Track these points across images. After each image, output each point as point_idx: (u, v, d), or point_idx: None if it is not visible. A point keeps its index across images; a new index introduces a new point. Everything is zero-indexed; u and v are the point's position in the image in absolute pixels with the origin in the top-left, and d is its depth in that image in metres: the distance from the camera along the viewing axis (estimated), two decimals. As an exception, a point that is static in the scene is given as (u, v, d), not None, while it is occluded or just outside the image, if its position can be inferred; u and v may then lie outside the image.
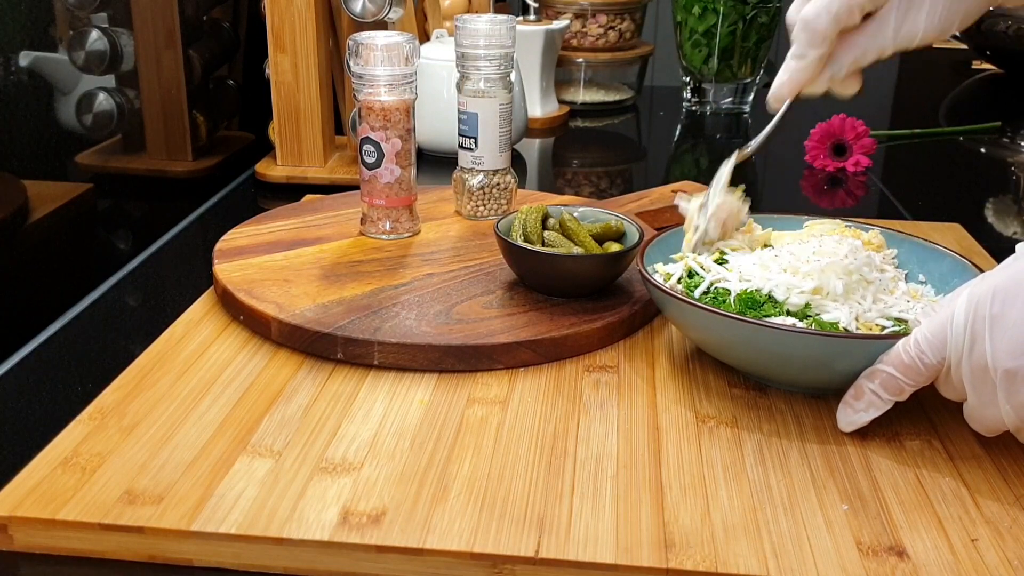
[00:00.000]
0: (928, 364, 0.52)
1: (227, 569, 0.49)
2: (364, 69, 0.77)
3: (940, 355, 0.52)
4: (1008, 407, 0.50)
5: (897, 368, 0.53)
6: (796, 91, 0.65)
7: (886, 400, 0.55)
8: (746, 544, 0.48)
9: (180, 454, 0.54)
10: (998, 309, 0.49)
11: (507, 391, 0.62)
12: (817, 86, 0.65)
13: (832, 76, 0.64)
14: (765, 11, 1.40)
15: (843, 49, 0.63)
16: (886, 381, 0.54)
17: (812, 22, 0.62)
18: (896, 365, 0.54)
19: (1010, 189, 1.20)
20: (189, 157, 1.03)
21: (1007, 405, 0.50)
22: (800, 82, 0.64)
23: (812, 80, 0.64)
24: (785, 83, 0.65)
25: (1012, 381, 0.49)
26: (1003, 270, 0.51)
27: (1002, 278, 0.50)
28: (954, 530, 0.49)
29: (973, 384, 0.51)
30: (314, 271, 0.75)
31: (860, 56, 0.63)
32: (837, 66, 0.64)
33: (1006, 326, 0.48)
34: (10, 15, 0.77)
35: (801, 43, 0.63)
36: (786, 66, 0.65)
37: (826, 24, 0.61)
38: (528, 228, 0.73)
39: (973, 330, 0.50)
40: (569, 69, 1.50)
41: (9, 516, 0.49)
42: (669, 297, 0.61)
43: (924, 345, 0.52)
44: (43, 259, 0.82)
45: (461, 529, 0.49)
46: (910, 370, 0.53)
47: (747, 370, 0.63)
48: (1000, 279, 0.50)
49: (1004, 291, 0.49)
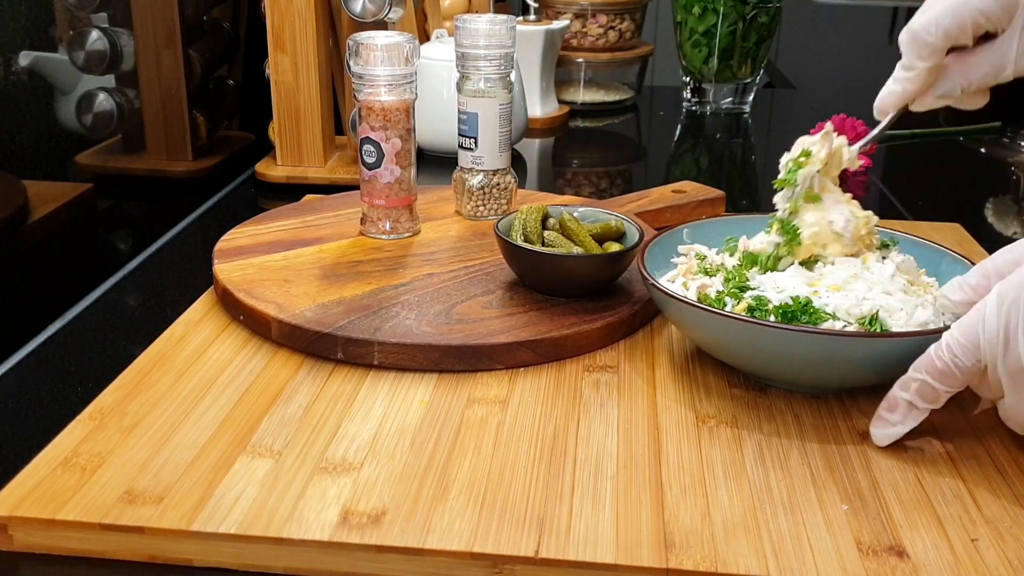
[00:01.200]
0: (963, 368, 0.51)
1: (227, 569, 0.49)
2: (364, 69, 0.77)
3: (973, 358, 0.51)
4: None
5: (932, 375, 0.52)
6: (901, 103, 0.64)
7: (923, 409, 0.54)
8: (746, 544, 0.48)
9: (180, 454, 0.54)
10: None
11: (507, 391, 0.62)
12: (925, 102, 0.63)
13: (945, 94, 0.62)
14: (765, 11, 1.40)
15: (957, 68, 0.62)
16: (921, 389, 0.53)
17: (920, 34, 0.60)
18: (930, 372, 0.53)
19: (1010, 189, 1.20)
20: (189, 157, 1.03)
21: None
22: (905, 94, 0.63)
23: (918, 93, 0.63)
24: (890, 94, 0.63)
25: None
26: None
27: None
28: (954, 530, 0.49)
29: (1011, 384, 0.50)
30: (314, 271, 0.75)
31: (976, 78, 0.61)
32: (950, 84, 0.62)
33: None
34: (10, 15, 0.77)
35: (909, 55, 0.62)
36: (893, 77, 0.63)
37: (935, 37, 0.60)
38: (528, 228, 0.73)
39: (1007, 331, 0.49)
40: (569, 69, 1.50)
41: (9, 516, 0.49)
42: (669, 298, 0.61)
43: (957, 349, 0.51)
44: (43, 259, 0.82)
45: (461, 529, 0.49)
46: (945, 376, 0.52)
47: (747, 370, 0.63)
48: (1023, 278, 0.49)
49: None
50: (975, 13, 0.59)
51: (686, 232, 0.73)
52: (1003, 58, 0.60)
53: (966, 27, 0.60)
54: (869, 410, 0.60)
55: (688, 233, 0.73)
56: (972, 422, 0.59)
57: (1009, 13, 0.59)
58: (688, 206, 0.91)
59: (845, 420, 0.59)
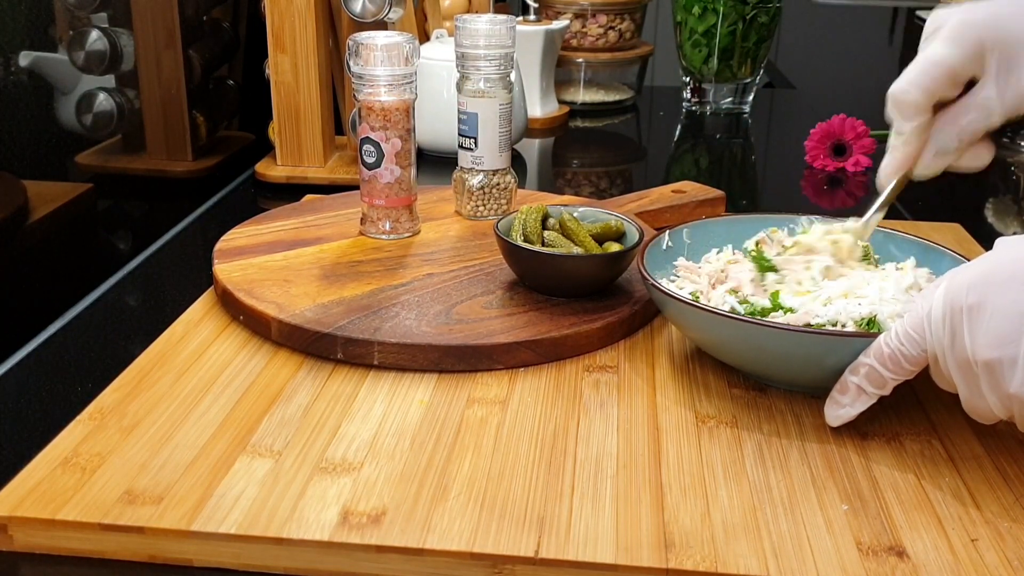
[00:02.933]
0: (908, 356, 0.52)
1: (227, 569, 0.49)
2: (364, 69, 0.77)
3: (919, 347, 0.52)
4: (994, 398, 0.49)
5: (879, 361, 0.54)
6: (900, 169, 0.64)
7: (871, 393, 0.55)
8: (746, 544, 0.48)
9: (180, 454, 0.54)
10: (975, 299, 0.49)
11: (507, 391, 0.62)
12: (925, 162, 0.63)
13: (941, 150, 0.62)
14: (765, 11, 1.40)
15: (945, 122, 0.62)
16: (870, 374, 0.54)
17: (901, 96, 0.61)
18: (878, 358, 0.54)
19: (1010, 189, 1.20)
20: (189, 157, 1.03)
21: (992, 396, 0.49)
22: (902, 159, 0.63)
23: (914, 155, 0.63)
24: (888, 164, 0.64)
25: (993, 373, 0.49)
26: (980, 262, 0.51)
27: (978, 270, 0.50)
28: (954, 530, 0.49)
29: (960, 376, 0.51)
30: (314, 271, 0.75)
31: (965, 126, 0.61)
32: (943, 139, 0.62)
33: (983, 317, 0.48)
34: (10, 15, 0.77)
35: (895, 119, 0.62)
36: (888, 146, 0.64)
37: (916, 97, 0.60)
38: (528, 228, 0.73)
39: (952, 322, 0.50)
40: (569, 69, 1.50)
41: (9, 516, 0.49)
42: (669, 298, 0.61)
43: (903, 337, 0.52)
44: (43, 259, 0.82)
45: (461, 529, 0.49)
46: (891, 362, 0.53)
47: (747, 369, 0.63)
48: (976, 271, 0.50)
49: (981, 282, 0.49)
50: (946, 67, 0.60)
51: (686, 232, 0.73)
52: (985, 103, 0.60)
53: (940, 80, 0.60)
54: (869, 411, 0.60)
55: (688, 233, 0.73)
56: (972, 422, 0.59)
57: (979, 59, 0.59)
58: (688, 206, 0.91)
59: (845, 420, 0.59)
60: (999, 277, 0.49)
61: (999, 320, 0.48)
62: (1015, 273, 0.48)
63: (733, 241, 0.72)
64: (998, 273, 0.49)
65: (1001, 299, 0.48)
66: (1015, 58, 0.59)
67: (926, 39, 0.62)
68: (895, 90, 0.62)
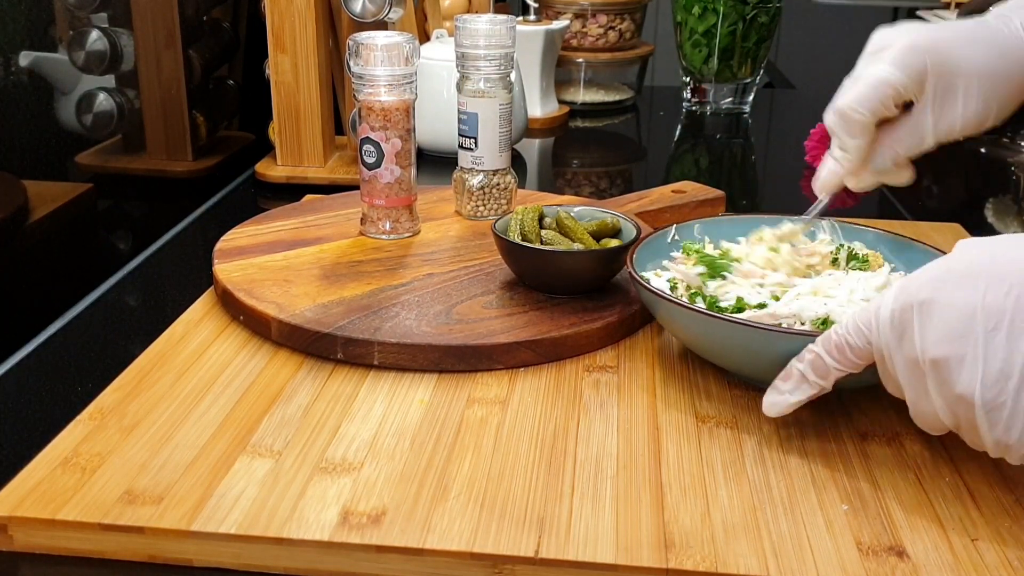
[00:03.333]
0: (853, 347, 0.51)
1: (227, 569, 0.49)
2: (364, 69, 0.77)
3: (865, 340, 0.51)
4: (940, 400, 0.48)
5: (824, 348, 0.53)
6: (838, 183, 0.66)
7: (812, 382, 0.54)
8: (746, 544, 0.48)
9: (180, 454, 0.54)
10: (926, 296, 0.48)
11: (507, 391, 0.62)
12: (863, 180, 0.66)
13: (877, 168, 0.65)
14: (765, 11, 1.40)
15: (884, 142, 0.64)
16: (814, 361, 0.54)
17: (849, 113, 0.63)
18: (824, 345, 0.53)
19: (1010, 189, 1.20)
20: (189, 157, 1.03)
21: (939, 399, 0.48)
22: (845, 172, 0.65)
23: (853, 171, 0.65)
24: (831, 173, 0.66)
25: (940, 371, 0.47)
26: (937, 263, 0.50)
27: (934, 269, 0.49)
28: (954, 530, 0.49)
29: (907, 377, 0.50)
30: (314, 271, 0.75)
31: (901, 149, 0.64)
32: (880, 159, 0.64)
33: (934, 313, 0.47)
34: (10, 15, 0.77)
35: (841, 134, 0.64)
36: (831, 156, 0.66)
37: (862, 114, 0.62)
38: (526, 227, 0.73)
39: (902, 318, 0.49)
40: (569, 69, 1.50)
41: (9, 516, 0.49)
42: (658, 298, 0.61)
43: (851, 327, 0.52)
44: (43, 259, 0.82)
45: (461, 529, 0.49)
46: (836, 350, 0.52)
47: (738, 371, 0.63)
48: (932, 270, 0.49)
49: (935, 279, 0.48)
50: (890, 88, 0.62)
51: (697, 228, 0.73)
52: (921, 127, 0.63)
53: (887, 100, 0.62)
54: (869, 410, 0.60)
55: (699, 229, 0.73)
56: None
57: (920, 83, 0.62)
58: (688, 206, 0.91)
59: (845, 420, 0.59)
60: (954, 275, 0.48)
61: (949, 316, 0.47)
62: (970, 270, 0.48)
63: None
64: (953, 271, 0.48)
65: (953, 295, 0.47)
66: (951, 86, 0.61)
67: (870, 57, 0.64)
68: (844, 107, 0.63)
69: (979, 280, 0.47)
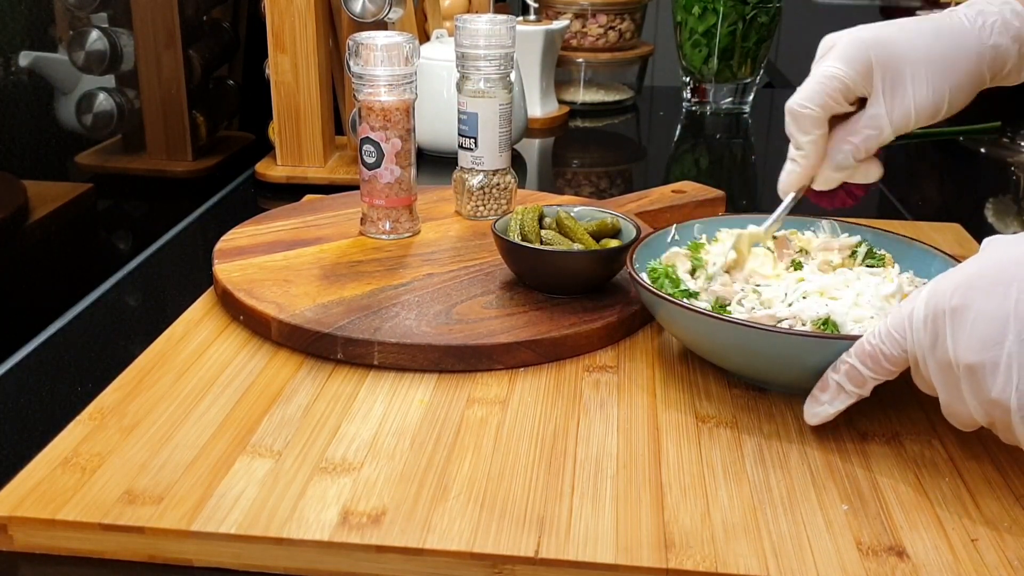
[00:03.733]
0: (888, 356, 0.52)
1: (227, 569, 0.49)
2: (364, 69, 0.77)
3: (899, 347, 0.51)
4: (975, 403, 0.49)
5: (859, 358, 0.53)
6: (801, 181, 0.66)
7: (850, 392, 0.54)
8: (746, 544, 0.48)
9: (180, 454, 0.54)
10: (959, 302, 0.48)
11: (507, 391, 0.62)
12: (824, 176, 0.66)
13: (838, 165, 0.65)
14: (765, 11, 1.40)
15: (841, 139, 0.64)
16: (849, 372, 0.54)
17: (798, 110, 0.64)
18: (859, 355, 0.53)
19: (1010, 189, 1.20)
20: (189, 157, 1.03)
21: (974, 401, 0.49)
22: (803, 171, 0.65)
23: (814, 167, 0.65)
24: (790, 173, 0.66)
25: (974, 377, 0.48)
26: (967, 265, 0.50)
27: (964, 273, 0.49)
28: (954, 530, 0.49)
29: (940, 380, 0.50)
30: (314, 271, 0.75)
31: (859, 141, 0.64)
32: (840, 155, 0.64)
33: (967, 320, 0.48)
34: (10, 15, 0.77)
35: (794, 133, 0.65)
36: (788, 157, 0.66)
37: (813, 111, 0.63)
38: (525, 227, 0.73)
39: (935, 324, 0.49)
40: (569, 69, 1.50)
41: (9, 516, 0.49)
42: (658, 298, 0.61)
43: (884, 336, 0.52)
44: (43, 259, 0.82)
45: (461, 529, 0.49)
46: (871, 360, 0.53)
47: (738, 371, 0.63)
48: (962, 274, 0.49)
49: (965, 285, 0.48)
50: (839, 81, 0.63)
51: (697, 227, 0.73)
52: (878, 120, 0.63)
53: (836, 95, 0.63)
54: (869, 411, 0.60)
55: (699, 228, 0.73)
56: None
57: (867, 76, 0.62)
58: (688, 206, 0.91)
59: (845, 420, 0.59)
60: (984, 280, 0.48)
61: (982, 323, 0.47)
62: (1000, 276, 0.48)
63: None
64: (984, 276, 0.48)
65: (985, 302, 0.47)
66: (899, 77, 0.62)
67: (819, 59, 0.65)
68: (793, 104, 0.64)
69: (1011, 286, 0.47)
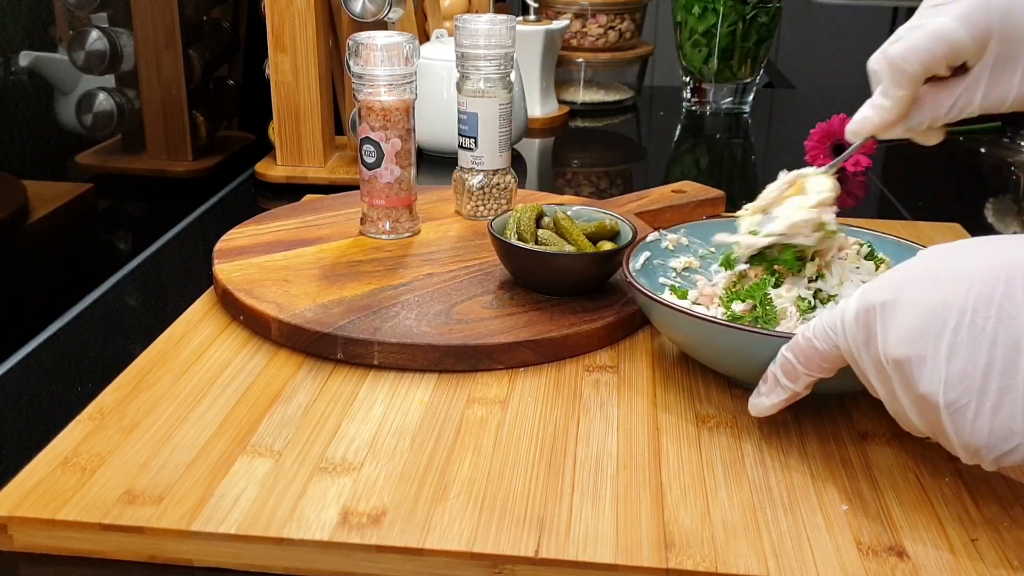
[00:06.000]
0: (819, 351, 0.51)
1: (227, 569, 0.49)
2: (364, 69, 0.77)
3: (830, 342, 0.50)
4: (907, 402, 0.48)
5: (792, 352, 0.53)
6: (876, 131, 0.62)
7: (784, 386, 0.54)
8: (746, 544, 0.48)
9: (180, 454, 0.54)
10: (888, 296, 0.47)
11: (507, 391, 0.62)
12: (895, 131, 0.62)
13: (912, 126, 0.61)
14: (765, 11, 1.40)
15: (926, 101, 0.60)
16: (784, 365, 0.53)
17: (899, 63, 0.59)
18: (792, 349, 0.53)
19: (1010, 189, 1.20)
20: (189, 157, 1.03)
21: (905, 399, 0.48)
22: (881, 122, 0.61)
23: (894, 122, 0.61)
24: (865, 120, 0.62)
25: (902, 371, 0.47)
26: (901, 265, 0.50)
27: (895, 272, 0.49)
28: (954, 530, 0.49)
29: (876, 379, 0.49)
30: (314, 271, 0.75)
31: (944, 111, 0.60)
32: (920, 117, 0.61)
33: (896, 314, 0.47)
34: (10, 15, 0.77)
35: (887, 82, 0.60)
36: (870, 103, 0.62)
37: (913, 67, 0.58)
38: (522, 227, 0.73)
39: (866, 320, 0.48)
40: (569, 69, 1.50)
41: (9, 516, 0.49)
42: (653, 302, 0.60)
43: (817, 331, 0.51)
44: (43, 259, 0.82)
45: (461, 529, 0.49)
46: (803, 354, 0.52)
47: (727, 373, 0.62)
48: (895, 272, 0.49)
49: (896, 280, 0.48)
50: (949, 45, 0.57)
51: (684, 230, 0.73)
52: (972, 93, 0.58)
53: (941, 58, 0.58)
54: (869, 411, 0.60)
55: (686, 232, 0.73)
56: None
57: (981, 47, 0.57)
58: (688, 206, 0.91)
59: (845, 420, 0.59)
60: (913, 274, 0.48)
61: (910, 315, 0.46)
62: (930, 272, 0.47)
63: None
64: (913, 271, 0.48)
65: (913, 294, 0.47)
66: (1014, 55, 0.57)
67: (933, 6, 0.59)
68: (895, 55, 0.59)
69: (939, 280, 0.46)
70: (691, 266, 0.71)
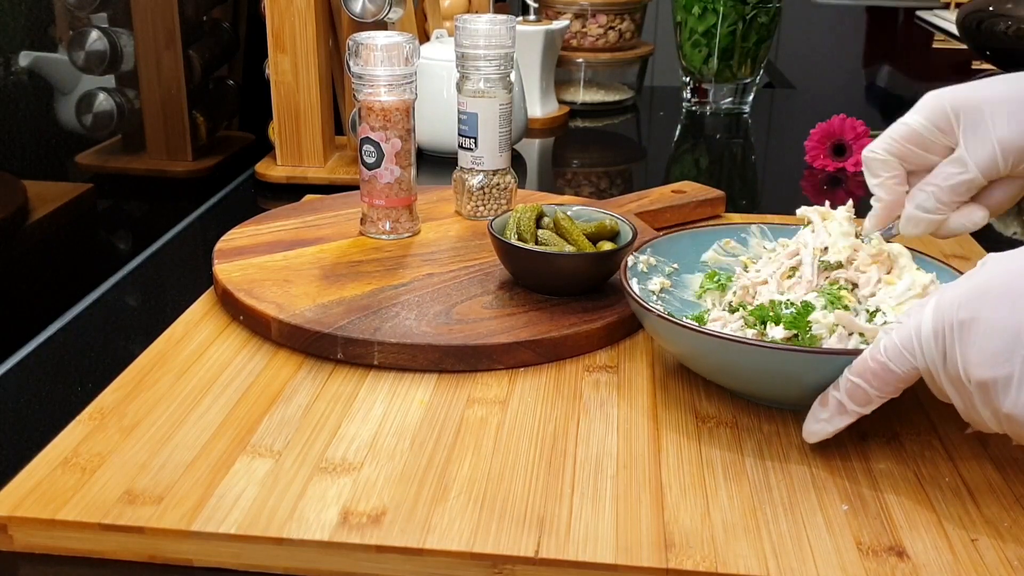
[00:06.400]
0: (896, 373, 0.51)
1: (227, 569, 0.49)
2: (364, 69, 0.77)
3: (908, 364, 0.50)
4: (988, 413, 0.48)
5: (863, 377, 0.52)
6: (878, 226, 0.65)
7: (851, 411, 0.53)
8: (746, 544, 0.48)
9: (180, 454, 0.54)
10: (965, 316, 0.47)
11: (507, 391, 0.62)
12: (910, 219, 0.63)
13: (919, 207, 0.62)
14: (765, 11, 1.40)
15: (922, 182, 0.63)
16: (852, 391, 0.52)
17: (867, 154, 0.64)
18: (862, 374, 0.52)
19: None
20: (189, 157, 1.03)
21: (986, 412, 0.48)
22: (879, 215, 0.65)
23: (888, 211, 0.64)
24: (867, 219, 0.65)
25: (986, 391, 0.47)
26: (970, 277, 0.50)
27: (969, 285, 0.49)
28: (954, 530, 0.49)
29: (954, 392, 0.50)
30: (314, 271, 0.75)
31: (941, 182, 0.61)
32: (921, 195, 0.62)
33: (975, 335, 0.47)
34: (10, 15, 0.77)
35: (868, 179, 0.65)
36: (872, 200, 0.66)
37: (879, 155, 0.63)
38: (522, 227, 0.73)
39: (944, 339, 0.48)
40: (569, 69, 1.50)
41: (9, 516, 0.49)
42: (645, 310, 0.60)
43: (891, 353, 0.51)
44: (43, 259, 0.82)
45: (461, 529, 0.49)
46: (876, 378, 0.51)
47: (720, 383, 0.62)
48: (967, 286, 0.49)
49: (971, 298, 0.48)
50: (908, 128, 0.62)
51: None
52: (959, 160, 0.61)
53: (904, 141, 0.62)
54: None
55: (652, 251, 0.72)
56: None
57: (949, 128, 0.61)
58: (688, 206, 0.91)
59: (845, 420, 0.59)
60: (990, 293, 0.48)
61: (991, 338, 0.47)
62: (1006, 289, 0.47)
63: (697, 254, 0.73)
64: (989, 289, 0.48)
65: (992, 315, 0.47)
66: (979, 117, 0.60)
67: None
68: (865, 151, 0.64)
69: (1017, 299, 0.47)
70: (665, 287, 0.70)
